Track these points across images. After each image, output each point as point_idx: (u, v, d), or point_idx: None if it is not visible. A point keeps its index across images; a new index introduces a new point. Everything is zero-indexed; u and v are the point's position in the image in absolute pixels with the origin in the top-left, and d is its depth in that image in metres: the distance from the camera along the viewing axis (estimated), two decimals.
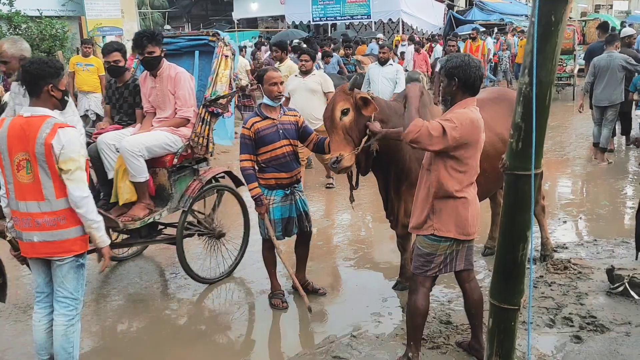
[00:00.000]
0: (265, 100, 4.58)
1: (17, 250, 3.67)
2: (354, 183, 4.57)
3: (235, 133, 7.57)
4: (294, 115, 4.72)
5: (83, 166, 3.40)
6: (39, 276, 3.57)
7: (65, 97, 3.52)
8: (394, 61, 9.44)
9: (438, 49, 18.08)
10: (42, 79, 3.35)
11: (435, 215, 3.53)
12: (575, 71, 16.02)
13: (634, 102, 8.62)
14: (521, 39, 19.27)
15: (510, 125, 4.48)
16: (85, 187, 3.40)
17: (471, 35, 14.98)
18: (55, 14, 15.81)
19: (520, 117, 2.34)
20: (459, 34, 18.49)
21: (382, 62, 8.88)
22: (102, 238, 3.51)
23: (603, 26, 11.07)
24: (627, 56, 8.81)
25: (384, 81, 8.76)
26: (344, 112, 4.10)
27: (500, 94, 5.08)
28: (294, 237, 4.83)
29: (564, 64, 15.85)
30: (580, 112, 9.81)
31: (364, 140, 4.13)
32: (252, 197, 4.53)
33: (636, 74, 8.53)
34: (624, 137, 10.17)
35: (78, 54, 12.11)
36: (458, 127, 3.36)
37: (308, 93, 7.46)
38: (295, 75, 7.74)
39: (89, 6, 17.02)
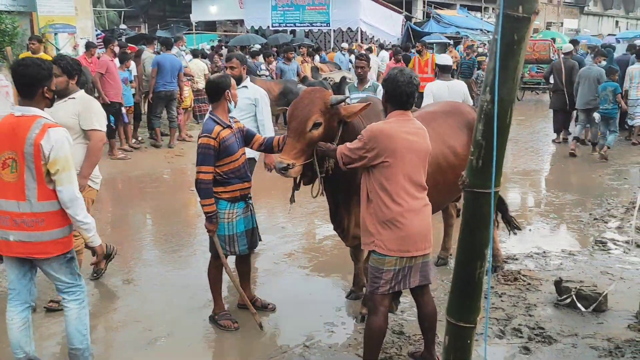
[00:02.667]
0: (232, 106, 4.33)
1: None
2: (297, 183, 4.32)
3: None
4: (237, 122, 4.49)
5: (72, 167, 3.42)
6: (12, 272, 3.57)
7: (55, 96, 3.59)
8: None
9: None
10: (38, 82, 3.39)
11: (376, 231, 3.51)
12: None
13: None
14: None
15: (462, 138, 4.64)
16: (75, 188, 3.42)
17: (417, 49, 13.91)
18: (5, 8, 15.30)
19: (481, 134, 2.34)
20: (427, 42, 18.82)
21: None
22: (93, 239, 3.55)
23: (573, 42, 13.94)
24: (603, 70, 10.73)
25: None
26: (316, 125, 3.92)
27: (453, 107, 5.10)
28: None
29: (544, 71, 17.50)
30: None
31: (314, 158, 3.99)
32: (207, 213, 4.20)
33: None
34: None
35: (28, 50, 11.74)
36: (365, 139, 3.46)
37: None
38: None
39: (40, 2, 16.52)
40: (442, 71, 6.96)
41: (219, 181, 4.24)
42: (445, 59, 7.38)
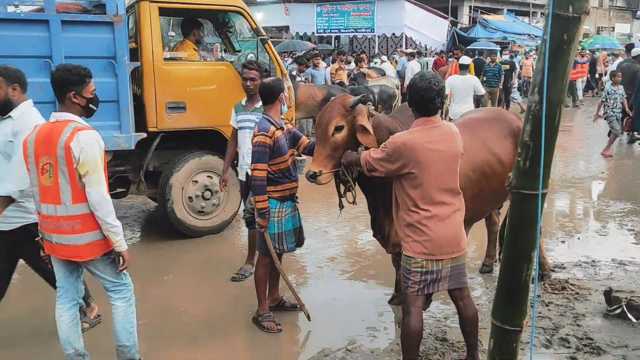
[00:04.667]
0: (285, 108, 4.48)
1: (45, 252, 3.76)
2: (341, 191, 4.36)
3: None
4: (287, 123, 4.59)
5: (101, 169, 3.46)
6: (59, 270, 3.67)
7: (91, 105, 3.58)
8: None
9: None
10: (65, 86, 3.45)
11: (403, 234, 3.57)
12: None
13: None
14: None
15: (506, 145, 4.56)
16: (104, 189, 3.45)
17: (456, 55, 13.75)
18: None
19: (528, 135, 2.29)
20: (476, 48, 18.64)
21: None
22: (120, 242, 3.55)
23: (628, 47, 14.27)
24: None
25: None
26: (338, 129, 3.96)
27: (497, 114, 5.03)
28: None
29: None
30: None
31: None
32: (261, 209, 4.32)
33: None
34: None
35: None
36: (389, 150, 3.46)
37: None
38: None
39: None
40: (461, 68, 9.80)
41: (270, 179, 4.36)
42: (465, 59, 10.43)
